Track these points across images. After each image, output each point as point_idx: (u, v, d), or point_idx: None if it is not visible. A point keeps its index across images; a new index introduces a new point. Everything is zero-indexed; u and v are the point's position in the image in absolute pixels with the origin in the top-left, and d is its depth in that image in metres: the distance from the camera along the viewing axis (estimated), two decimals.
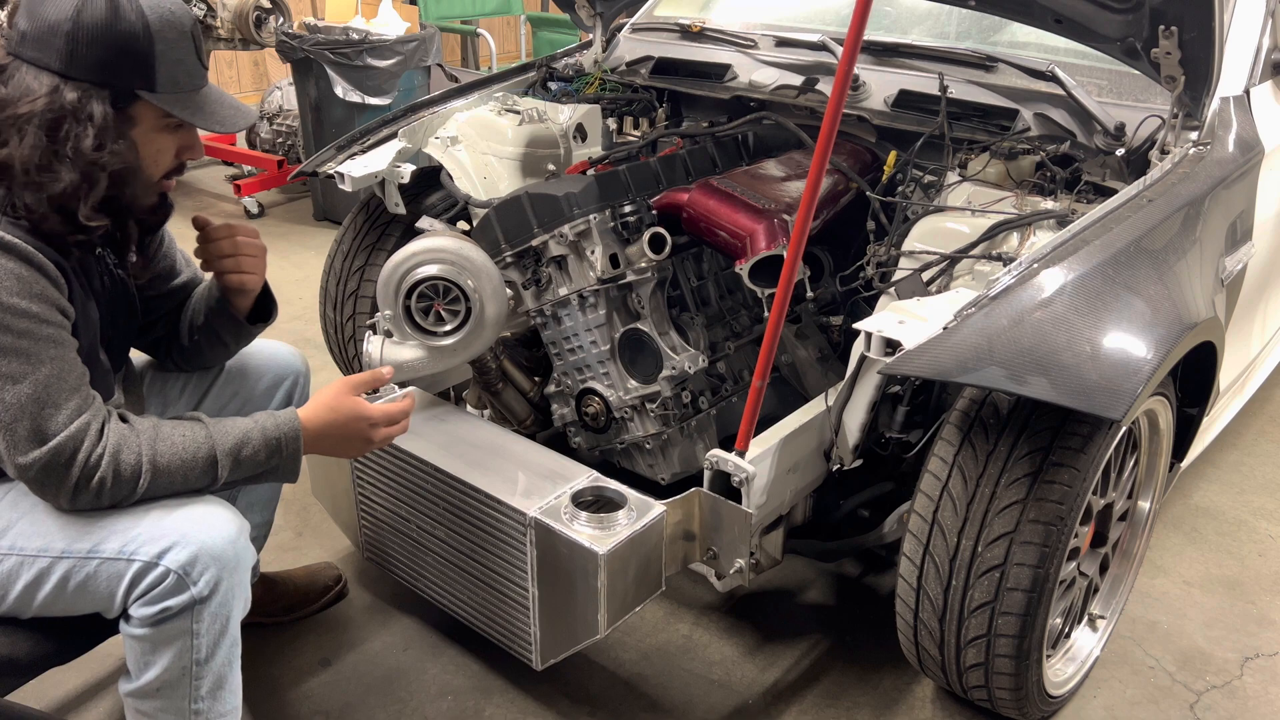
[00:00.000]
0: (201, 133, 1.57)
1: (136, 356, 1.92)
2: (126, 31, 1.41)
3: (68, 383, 1.42)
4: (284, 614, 2.23)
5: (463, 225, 2.52)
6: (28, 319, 1.38)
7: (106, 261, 1.63)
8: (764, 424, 1.86)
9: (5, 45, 1.43)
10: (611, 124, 2.76)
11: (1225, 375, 2.20)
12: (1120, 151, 2.10)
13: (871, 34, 2.58)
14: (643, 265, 2.09)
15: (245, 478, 1.55)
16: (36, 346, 1.39)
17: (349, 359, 2.75)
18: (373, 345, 2.10)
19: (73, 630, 1.57)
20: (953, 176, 2.17)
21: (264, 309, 1.91)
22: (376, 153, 2.51)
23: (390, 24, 4.52)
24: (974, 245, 1.95)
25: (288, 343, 2.10)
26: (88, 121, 1.41)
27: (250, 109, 1.60)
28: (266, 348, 2.03)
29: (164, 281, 1.85)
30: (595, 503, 1.82)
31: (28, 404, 1.38)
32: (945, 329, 1.62)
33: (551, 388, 2.24)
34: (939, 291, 1.91)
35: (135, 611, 1.47)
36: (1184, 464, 2.26)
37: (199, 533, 1.46)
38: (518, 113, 2.63)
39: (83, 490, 1.43)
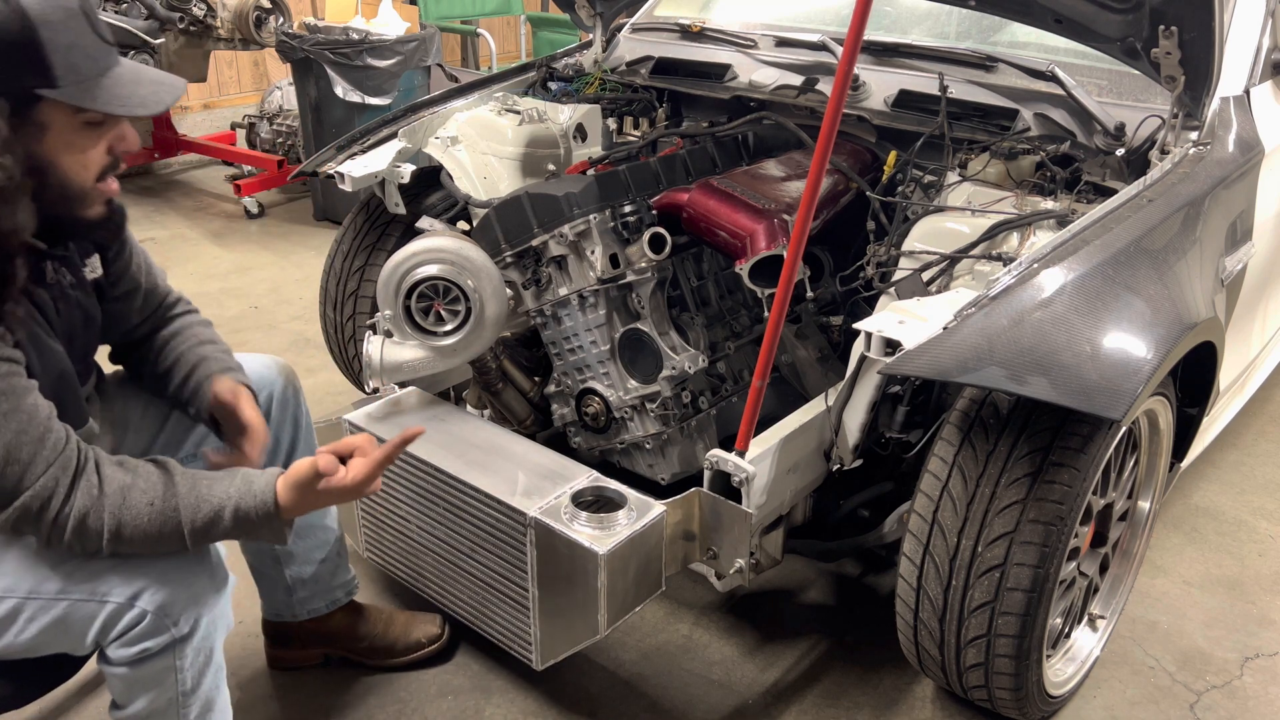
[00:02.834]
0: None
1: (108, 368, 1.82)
2: (2, 27, 1.23)
3: (30, 435, 1.31)
4: (367, 655, 2.10)
5: (463, 225, 2.53)
6: None
7: (61, 283, 1.50)
8: (764, 424, 1.86)
9: None
10: (611, 124, 2.76)
11: (1225, 375, 2.20)
12: (1120, 151, 2.10)
13: (871, 34, 2.58)
14: (643, 265, 2.09)
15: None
16: None
17: (349, 359, 2.75)
18: (373, 345, 2.10)
19: (33, 672, 1.51)
20: (953, 176, 2.17)
21: None
22: (376, 153, 2.51)
23: (390, 24, 4.52)
24: (974, 245, 1.95)
25: (287, 342, 2.09)
26: None
27: (176, 80, 1.40)
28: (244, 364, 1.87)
29: (129, 297, 1.69)
30: (595, 503, 1.82)
31: None
32: (945, 329, 1.62)
33: (551, 388, 2.24)
34: (939, 291, 1.91)
35: (113, 653, 1.42)
36: (1184, 464, 2.26)
37: (174, 570, 1.40)
38: (518, 113, 2.63)
39: (53, 544, 1.38)
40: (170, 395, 1.73)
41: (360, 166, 2.46)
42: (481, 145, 2.55)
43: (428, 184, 2.58)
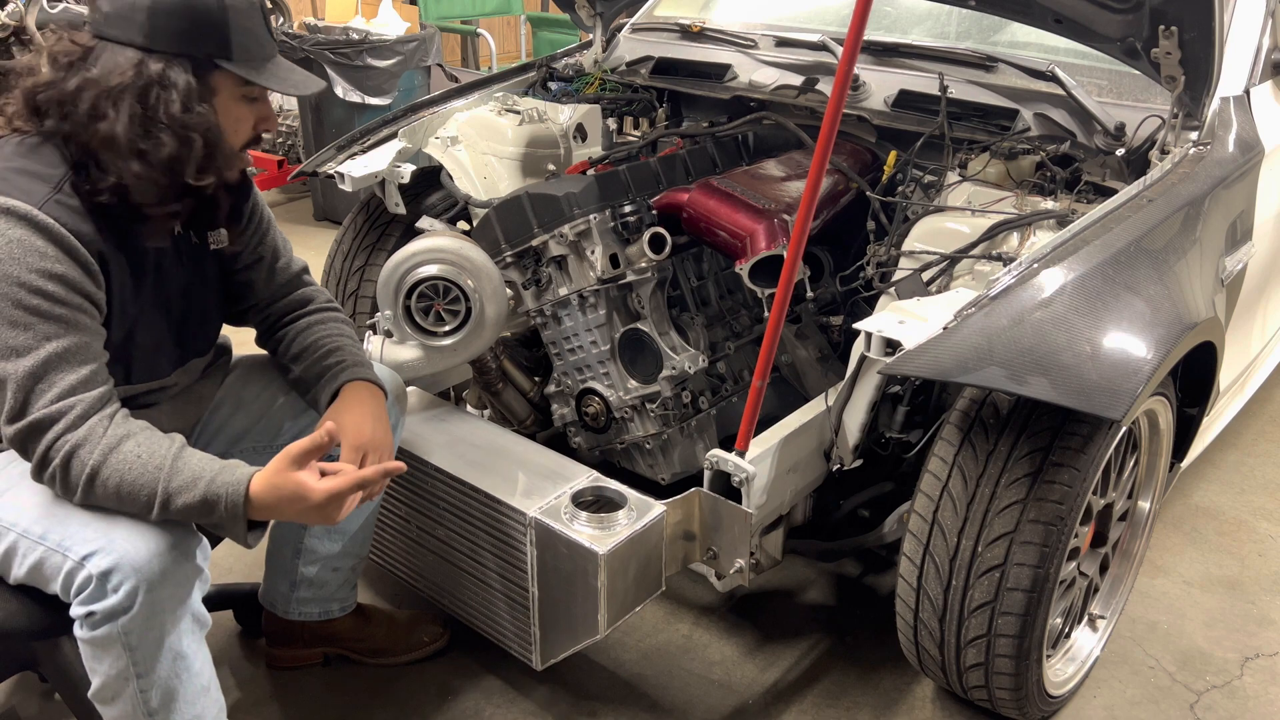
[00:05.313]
0: None
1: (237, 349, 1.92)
2: (202, 4, 1.49)
3: (68, 364, 1.43)
4: (368, 655, 2.10)
5: (463, 225, 2.53)
6: (40, 296, 1.41)
7: (189, 241, 1.66)
8: (764, 424, 1.86)
9: (90, 28, 1.50)
10: (611, 124, 2.76)
11: (1225, 375, 2.20)
12: (1120, 151, 2.10)
13: (871, 34, 2.58)
14: (643, 265, 2.09)
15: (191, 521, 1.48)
16: (45, 325, 1.41)
17: None
18: (373, 345, 2.10)
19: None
20: (953, 176, 2.17)
21: None
22: (376, 153, 2.51)
23: (390, 24, 4.52)
24: (974, 245, 1.95)
25: None
26: (173, 88, 1.48)
27: (318, 79, 1.65)
28: None
29: (254, 268, 1.81)
30: (595, 503, 1.82)
31: (24, 379, 1.40)
32: (945, 329, 1.62)
33: (551, 388, 2.24)
34: (939, 291, 1.91)
35: (73, 611, 1.44)
36: (1184, 464, 2.26)
37: (124, 541, 1.41)
38: (518, 113, 2.63)
39: (41, 473, 1.44)
40: (294, 378, 1.82)
41: (360, 166, 2.46)
42: (481, 145, 2.55)
43: (428, 184, 2.58)
